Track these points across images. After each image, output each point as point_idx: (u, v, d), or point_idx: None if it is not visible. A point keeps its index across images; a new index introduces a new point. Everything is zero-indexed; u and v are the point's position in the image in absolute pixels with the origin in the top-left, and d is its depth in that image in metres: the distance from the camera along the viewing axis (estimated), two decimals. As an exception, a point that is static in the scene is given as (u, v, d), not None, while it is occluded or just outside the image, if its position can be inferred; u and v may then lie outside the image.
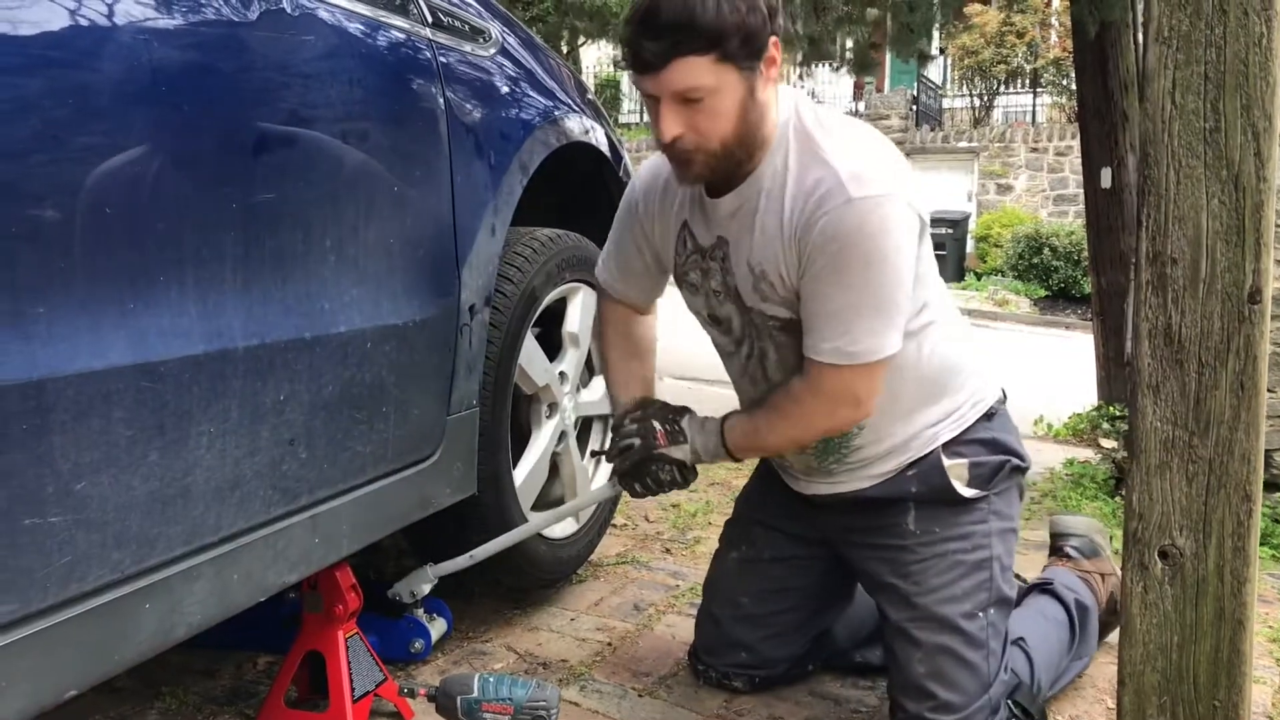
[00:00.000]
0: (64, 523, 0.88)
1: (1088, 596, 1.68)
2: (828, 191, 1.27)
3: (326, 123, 1.21)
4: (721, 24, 1.20)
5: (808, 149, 1.31)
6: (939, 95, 16.03)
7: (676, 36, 1.21)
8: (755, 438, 1.46)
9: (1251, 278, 0.94)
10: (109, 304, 0.92)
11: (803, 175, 1.30)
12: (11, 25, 0.83)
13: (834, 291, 1.29)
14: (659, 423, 1.49)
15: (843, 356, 1.30)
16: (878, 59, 7.82)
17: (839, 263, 1.27)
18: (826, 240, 1.27)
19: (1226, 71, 0.93)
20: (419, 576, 1.59)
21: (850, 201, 1.25)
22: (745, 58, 1.24)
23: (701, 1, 1.20)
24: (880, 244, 1.26)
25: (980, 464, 1.47)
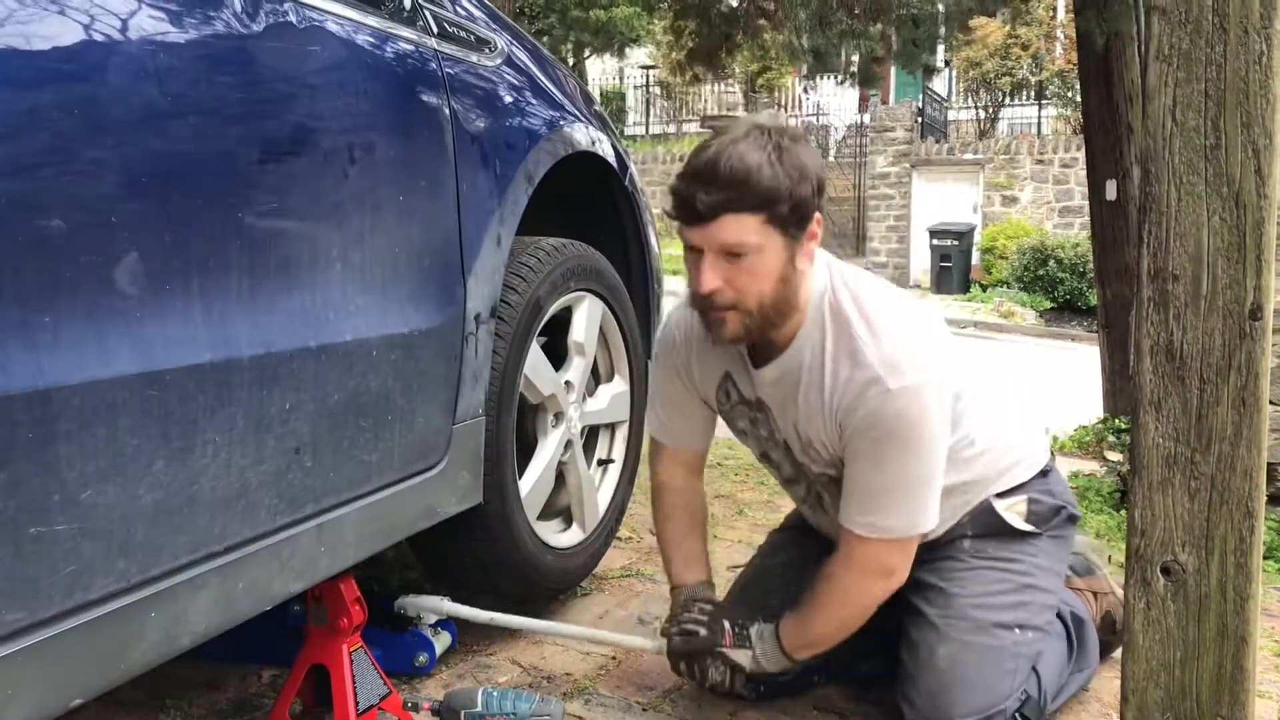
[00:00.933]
0: (69, 531, 0.88)
1: (1081, 608, 1.68)
2: (865, 381, 1.32)
3: (333, 133, 1.22)
4: (776, 187, 1.26)
5: (844, 331, 1.36)
6: (944, 107, 16.06)
7: (732, 192, 1.26)
8: (806, 632, 1.47)
9: (1252, 294, 0.95)
10: (115, 313, 0.92)
11: (839, 358, 1.35)
12: (18, 38, 0.84)
13: (872, 472, 1.35)
14: (729, 623, 1.51)
15: (876, 531, 1.36)
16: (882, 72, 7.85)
17: (878, 448, 1.33)
18: (867, 427, 1.33)
19: (1227, 89, 0.94)
20: (431, 603, 1.59)
21: (889, 393, 1.30)
22: (792, 225, 1.29)
23: (759, 165, 1.25)
24: (918, 432, 1.32)
25: (1039, 501, 1.53)
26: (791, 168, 1.26)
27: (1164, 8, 0.95)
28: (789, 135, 1.30)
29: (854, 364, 1.33)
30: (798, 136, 1.32)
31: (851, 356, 1.34)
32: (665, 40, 10.94)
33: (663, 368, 1.59)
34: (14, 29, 0.84)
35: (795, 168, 1.27)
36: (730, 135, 1.30)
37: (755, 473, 3.24)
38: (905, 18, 5.30)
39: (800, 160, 1.28)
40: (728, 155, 1.27)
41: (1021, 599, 1.48)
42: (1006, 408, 1.56)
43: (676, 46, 6.81)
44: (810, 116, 16.90)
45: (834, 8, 5.31)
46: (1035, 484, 1.54)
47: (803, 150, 1.30)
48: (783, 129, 1.31)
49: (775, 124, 1.32)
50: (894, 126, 13.96)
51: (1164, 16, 0.95)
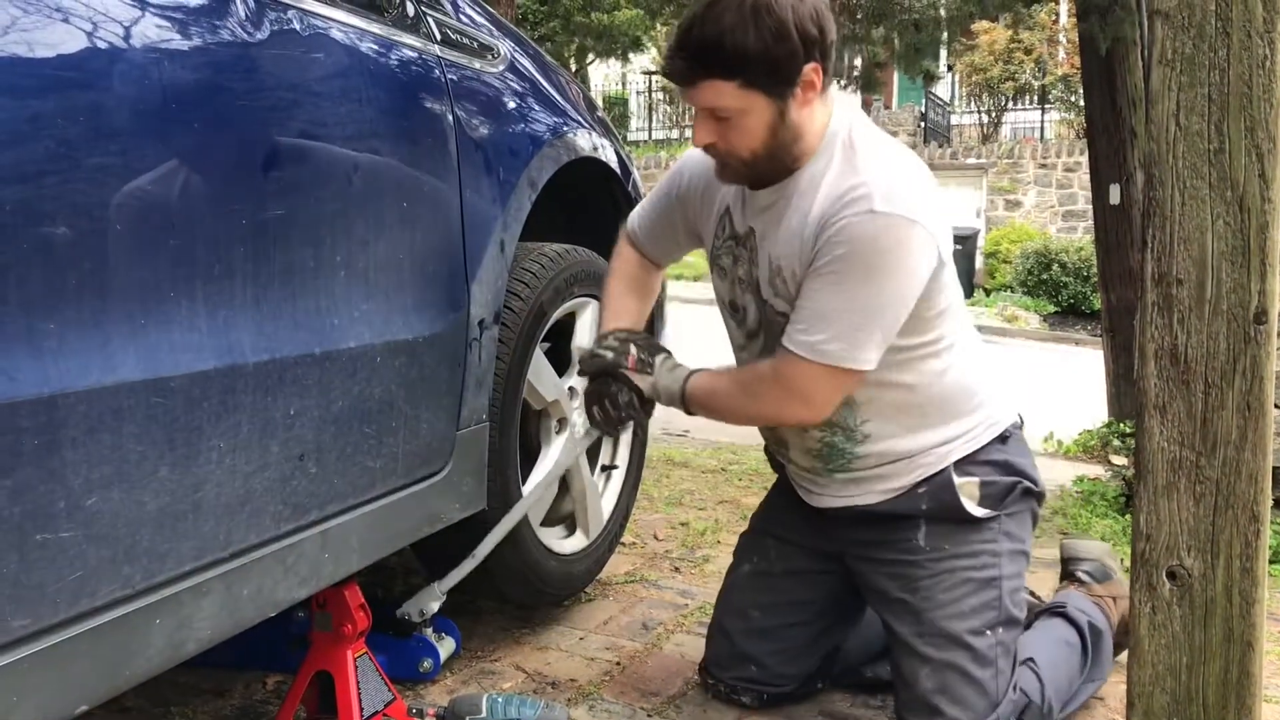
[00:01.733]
0: (75, 538, 0.88)
1: (1101, 620, 1.67)
2: (856, 198, 1.29)
3: (336, 139, 1.22)
4: (745, 53, 1.24)
5: (849, 160, 1.34)
6: (947, 112, 16.07)
7: (703, 59, 1.26)
8: (711, 399, 1.46)
9: (1257, 298, 0.94)
10: (120, 320, 0.93)
11: (838, 181, 1.33)
12: (21, 46, 0.85)
13: (828, 292, 1.31)
14: (636, 349, 1.51)
15: (812, 352, 1.32)
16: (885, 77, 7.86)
17: (842, 266, 1.29)
18: (838, 242, 1.29)
19: (1230, 94, 0.94)
20: (427, 595, 1.59)
21: (873, 213, 1.27)
22: (772, 85, 1.27)
23: (731, 28, 1.23)
24: (887, 260, 1.28)
25: (991, 483, 1.47)
26: (769, 29, 1.23)
27: (1167, 12, 0.95)
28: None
29: (849, 184, 1.30)
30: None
31: (849, 177, 1.31)
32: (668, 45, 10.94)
33: (665, 190, 1.59)
34: (17, 36, 0.84)
35: (773, 27, 1.23)
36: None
37: (759, 478, 3.23)
38: (907, 23, 5.30)
39: (781, 19, 1.23)
40: (702, 20, 1.25)
41: (988, 597, 1.45)
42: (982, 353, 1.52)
43: (679, 52, 6.81)
44: (813, 121, 16.88)
45: (835, 12, 5.32)
46: (992, 450, 1.48)
47: (789, 5, 1.24)
48: None
49: None
50: (897, 131, 13.97)
51: (1167, 21, 0.95)
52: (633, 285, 1.66)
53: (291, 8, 1.17)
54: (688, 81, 1.30)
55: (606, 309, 1.65)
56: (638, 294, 1.66)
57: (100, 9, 0.92)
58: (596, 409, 1.53)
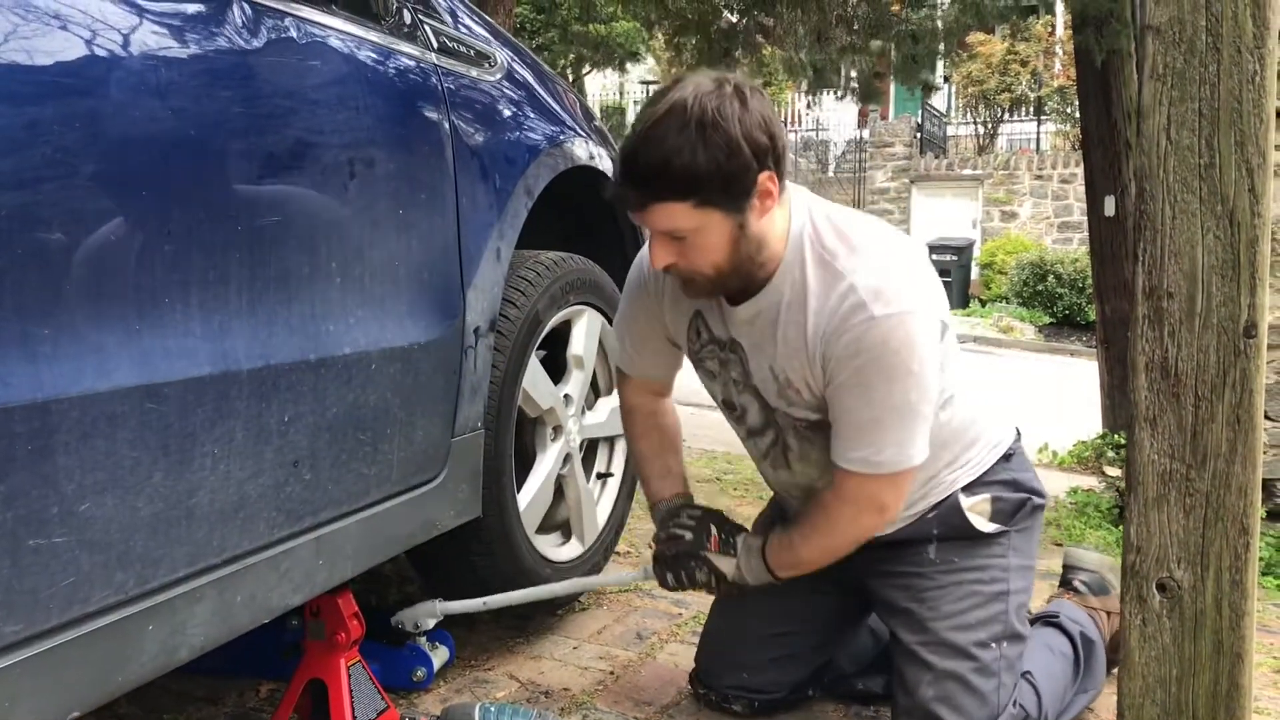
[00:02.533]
0: (68, 543, 0.88)
1: (1092, 630, 1.68)
2: (851, 307, 1.28)
3: (332, 147, 1.23)
4: (695, 173, 1.20)
5: (825, 263, 1.31)
6: (944, 123, 16.13)
7: (653, 184, 1.22)
8: (791, 553, 1.45)
9: (1247, 312, 0.95)
10: (114, 325, 0.93)
11: (823, 291, 1.31)
12: (18, 53, 0.85)
13: (860, 405, 1.31)
14: (716, 529, 1.49)
15: (869, 466, 1.33)
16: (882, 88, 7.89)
17: (864, 378, 1.29)
18: (851, 355, 1.28)
19: (1220, 108, 0.94)
20: (425, 610, 1.59)
21: (873, 319, 1.26)
22: (728, 200, 1.24)
23: (678, 150, 1.19)
24: (905, 359, 1.27)
25: (1001, 499, 1.50)
26: (718, 145, 1.18)
27: (1158, 27, 0.95)
28: (720, 99, 1.20)
29: (838, 293, 1.28)
30: (728, 97, 1.21)
31: (834, 285, 1.29)
32: (665, 56, 11.00)
33: (631, 304, 1.55)
34: (14, 44, 0.85)
35: (722, 145, 1.19)
36: (653, 112, 1.23)
37: (754, 488, 3.23)
38: (905, 34, 5.33)
39: (729, 134, 1.19)
40: (646, 142, 1.21)
41: (996, 610, 1.46)
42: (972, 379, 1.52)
43: (677, 62, 6.85)
44: (810, 132, 16.96)
45: (833, 24, 5.35)
46: (999, 470, 1.50)
47: (734, 118, 1.20)
48: (713, 92, 1.21)
49: (705, 89, 1.21)
50: (893, 142, 14.02)
51: (1158, 36, 0.95)
52: (660, 439, 1.61)
53: (288, 15, 1.18)
54: (639, 207, 1.25)
55: (649, 475, 1.61)
56: (671, 447, 1.62)
57: (97, 16, 0.93)
58: (670, 577, 1.51)
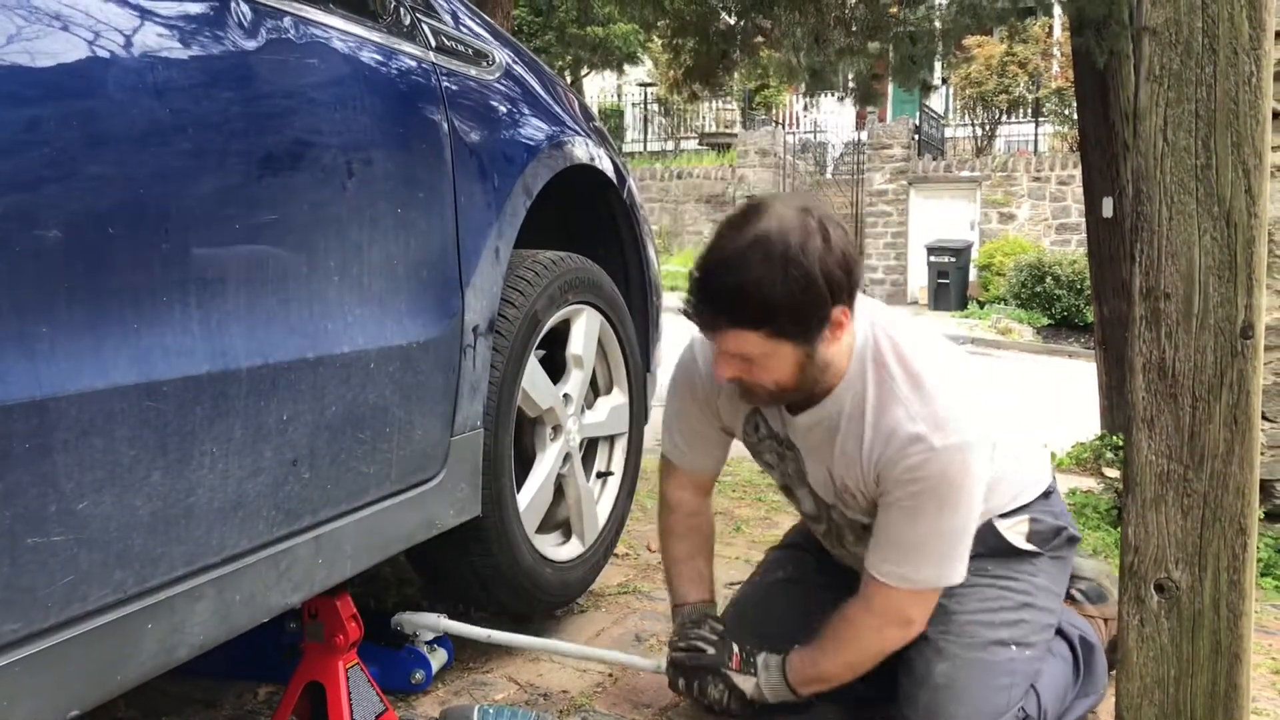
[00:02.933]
0: (66, 542, 0.88)
1: (1091, 634, 1.68)
2: (911, 436, 1.29)
3: (330, 145, 1.23)
4: (772, 306, 1.21)
5: (887, 387, 1.33)
6: (941, 124, 16.14)
7: (729, 309, 1.24)
8: (814, 668, 1.46)
9: (1244, 313, 0.95)
10: (112, 323, 0.93)
11: (883, 412, 1.32)
12: (17, 53, 0.85)
13: (907, 526, 1.33)
14: (738, 647, 1.50)
15: (904, 581, 1.35)
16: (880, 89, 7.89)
17: (917, 502, 1.31)
18: (907, 481, 1.30)
19: (1217, 109, 0.95)
20: (428, 621, 1.59)
21: (934, 450, 1.28)
22: (799, 333, 1.25)
23: (758, 282, 1.19)
24: (959, 489, 1.30)
25: (1039, 521, 1.52)
26: (797, 282, 1.19)
27: (1155, 29, 0.96)
28: (804, 235, 1.20)
29: (897, 418, 1.30)
30: (812, 233, 1.21)
31: (894, 411, 1.31)
32: (663, 58, 11.00)
33: (682, 394, 1.55)
34: (14, 44, 0.85)
35: (801, 281, 1.19)
36: (737, 237, 1.23)
37: (753, 489, 3.24)
38: (903, 35, 5.34)
39: (809, 272, 1.19)
40: (726, 267, 1.22)
41: (1020, 617, 1.49)
42: (1014, 431, 1.55)
43: (674, 64, 6.85)
44: (808, 134, 16.97)
45: (831, 26, 5.35)
46: (1038, 504, 1.54)
47: (816, 255, 1.20)
48: (798, 228, 1.21)
49: (790, 224, 1.21)
50: (891, 144, 14.02)
51: (1155, 38, 0.96)
52: (696, 543, 1.61)
53: (287, 14, 1.18)
54: (711, 328, 1.27)
55: (678, 575, 1.61)
56: (704, 552, 1.62)
57: (95, 15, 0.93)
58: (683, 683, 1.51)
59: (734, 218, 1.30)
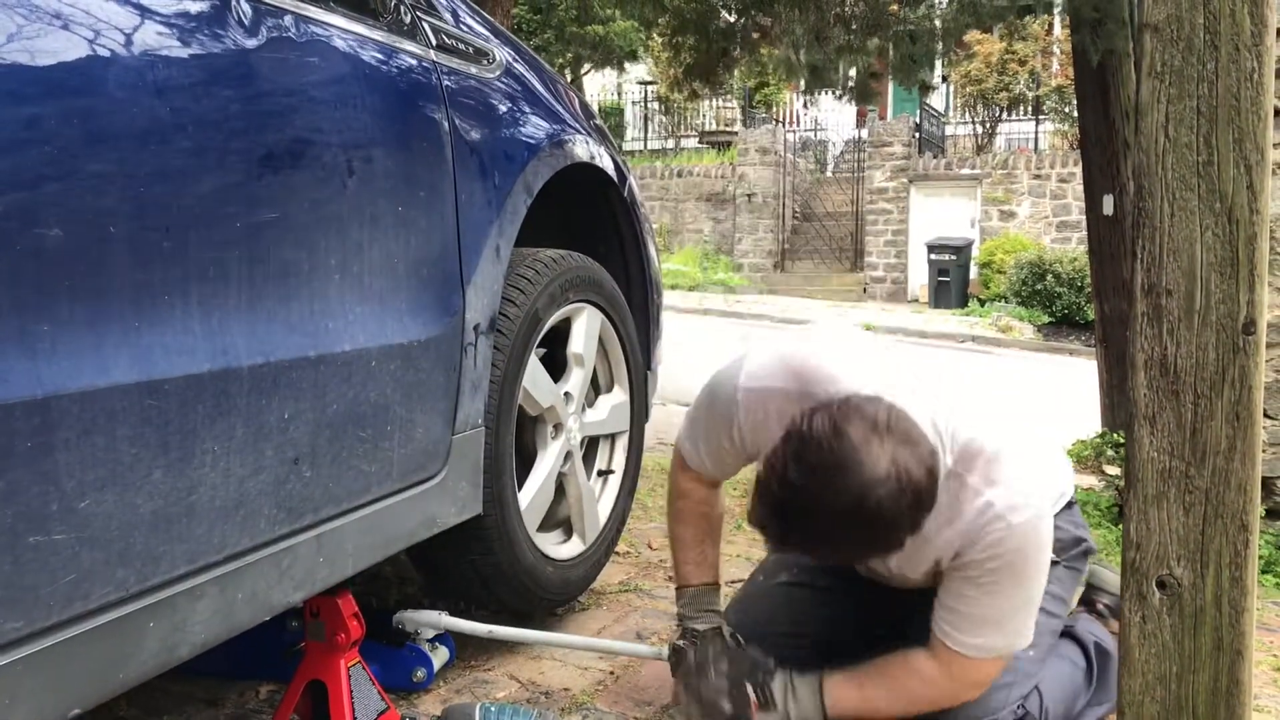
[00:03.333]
0: (68, 540, 0.88)
1: (1109, 641, 1.68)
2: (989, 520, 1.29)
3: (331, 144, 1.23)
4: (844, 545, 1.22)
5: (957, 478, 1.29)
6: (942, 122, 16.13)
7: (802, 544, 1.25)
8: (865, 706, 1.43)
9: (1246, 309, 0.95)
10: (113, 322, 0.93)
11: (956, 507, 1.29)
12: (18, 51, 0.85)
13: (985, 600, 1.34)
14: (751, 685, 1.46)
15: (980, 651, 1.36)
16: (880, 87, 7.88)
17: (995, 577, 1.32)
18: (985, 559, 1.31)
19: (1219, 106, 0.95)
20: (429, 619, 1.59)
21: (1011, 527, 1.29)
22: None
23: (836, 540, 1.19)
24: (1034, 562, 1.32)
25: (1062, 529, 1.52)
26: (878, 532, 1.16)
27: (1156, 25, 0.96)
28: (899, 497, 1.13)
29: (975, 508, 1.29)
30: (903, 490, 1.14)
31: (969, 501, 1.29)
32: (664, 56, 10.99)
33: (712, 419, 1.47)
34: (15, 43, 0.85)
35: (883, 532, 1.16)
36: (835, 482, 1.13)
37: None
38: (903, 33, 5.33)
39: (894, 527, 1.15)
40: (813, 511, 1.15)
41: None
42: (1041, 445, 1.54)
43: (675, 62, 6.85)
44: (808, 132, 16.96)
45: (831, 23, 5.34)
46: (1061, 515, 1.55)
47: (905, 512, 1.15)
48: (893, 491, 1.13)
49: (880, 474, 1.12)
50: (891, 142, 14.01)
51: (1156, 34, 0.96)
52: (703, 528, 1.60)
53: (287, 13, 1.18)
54: (779, 543, 1.26)
55: (684, 559, 1.59)
56: (711, 538, 1.61)
57: (97, 14, 0.93)
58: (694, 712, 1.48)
59: (832, 446, 1.15)
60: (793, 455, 1.15)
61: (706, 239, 14.95)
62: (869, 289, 13.95)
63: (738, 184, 14.76)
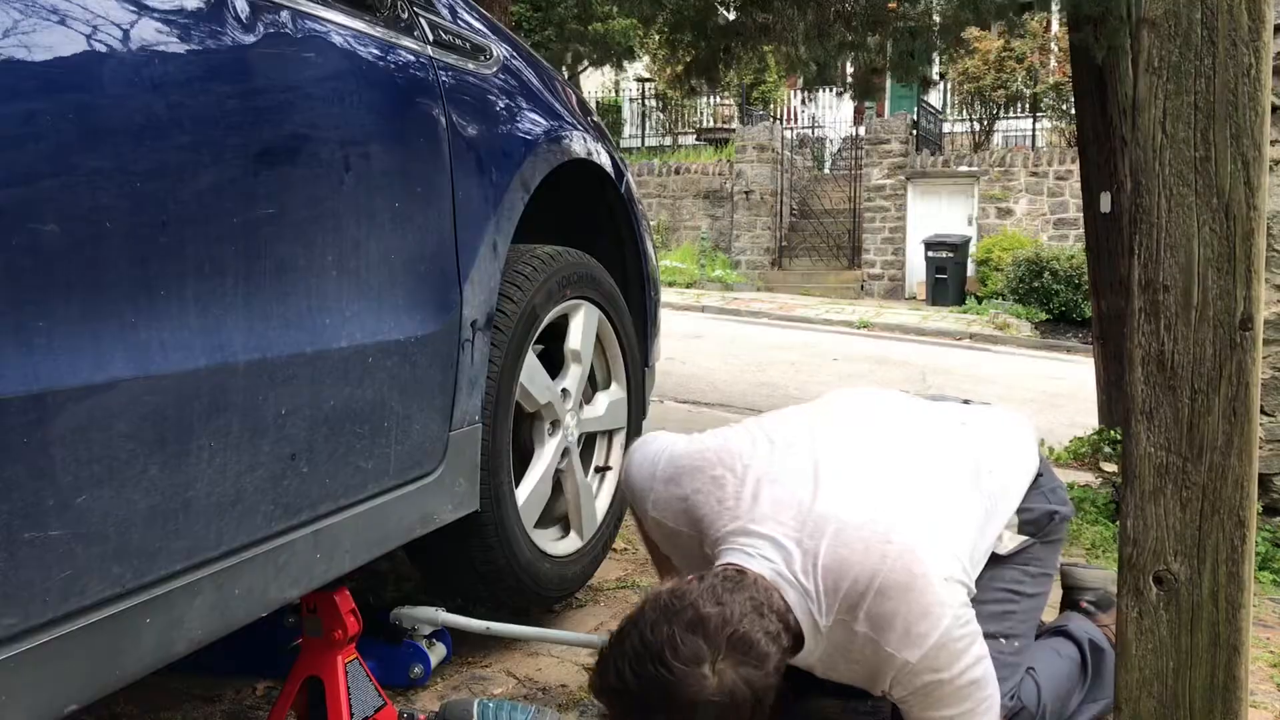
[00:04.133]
0: (64, 536, 0.88)
1: (1102, 638, 1.68)
2: (885, 660, 1.24)
3: (328, 140, 1.23)
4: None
5: (845, 637, 1.26)
6: (939, 120, 16.12)
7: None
8: None
9: (1243, 305, 0.95)
10: (110, 317, 0.93)
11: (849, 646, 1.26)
12: (14, 47, 0.85)
13: (944, 710, 1.27)
14: None
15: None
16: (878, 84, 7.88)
17: (930, 699, 1.26)
18: (908, 694, 1.26)
19: (1216, 101, 0.94)
20: (425, 615, 1.59)
21: (908, 665, 1.23)
22: None
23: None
24: (959, 666, 1.25)
25: (1030, 510, 1.52)
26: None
27: (1154, 21, 0.95)
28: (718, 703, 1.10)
29: (866, 646, 1.26)
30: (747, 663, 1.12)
31: (859, 641, 1.26)
32: (662, 53, 10.98)
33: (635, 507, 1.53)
34: (12, 38, 0.84)
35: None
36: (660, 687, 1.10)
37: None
38: (903, 30, 5.34)
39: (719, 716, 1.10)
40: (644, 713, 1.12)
41: (1008, 608, 1.48)
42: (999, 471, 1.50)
43: (673, 59, 6.84)
44: (806, 129, 16.96)
45: (831, 20, 5.34)
46: (1028, 495, 1.54)
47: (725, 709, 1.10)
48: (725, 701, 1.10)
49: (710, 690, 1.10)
50: (889, 139, 14.01)
51: (1154, 30, 0.95)
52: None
53: (284, 8, 1.17)
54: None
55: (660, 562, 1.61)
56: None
57: (94, 10, 0.92)
58: None
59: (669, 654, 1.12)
60: (631, 657, 1.13)
61: (704, 236, 14.95)
62: (866, 286, 13.95)
63: (735, 181, 14.75)
